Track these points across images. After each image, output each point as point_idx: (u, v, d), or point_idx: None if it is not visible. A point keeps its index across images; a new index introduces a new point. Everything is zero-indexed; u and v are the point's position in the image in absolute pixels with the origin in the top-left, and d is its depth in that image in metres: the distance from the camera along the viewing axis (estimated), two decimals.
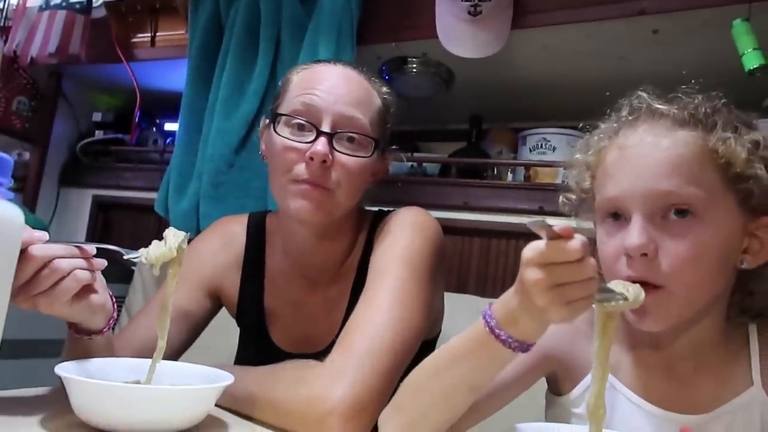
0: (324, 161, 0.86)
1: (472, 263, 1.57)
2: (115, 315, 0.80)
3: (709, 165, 0.66)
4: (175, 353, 0.95)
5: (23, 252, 0.67)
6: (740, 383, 0.70)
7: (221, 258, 1.02)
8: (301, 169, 0.87)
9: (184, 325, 0.95)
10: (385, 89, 0.98)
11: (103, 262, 0.75)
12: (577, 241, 0.52)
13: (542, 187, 1.51)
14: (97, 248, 0.74)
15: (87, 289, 0.73)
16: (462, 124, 1.79)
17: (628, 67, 1.44)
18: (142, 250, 0.75)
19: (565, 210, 0.81)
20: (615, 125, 0.73)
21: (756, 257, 0.69)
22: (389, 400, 0.73)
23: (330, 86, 0.90)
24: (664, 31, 1.29)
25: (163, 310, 0.76)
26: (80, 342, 0.79)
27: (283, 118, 0.91)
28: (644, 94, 0.73)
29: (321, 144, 0.86)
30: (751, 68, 1.10)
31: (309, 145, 0.87)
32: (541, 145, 1.59)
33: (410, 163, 1.71)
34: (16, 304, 0.69)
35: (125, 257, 0.76)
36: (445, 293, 1.42)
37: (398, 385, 0.73)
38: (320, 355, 0.82)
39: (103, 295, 0.76)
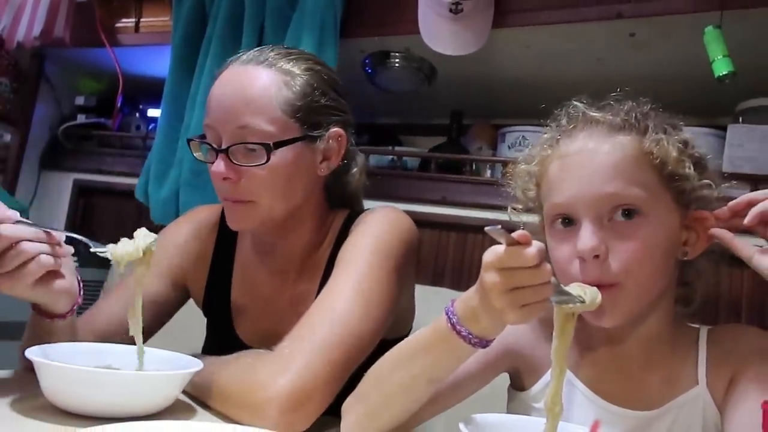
0: (229, 178, 0.86)
1: (448, 257, 1.59)
2: (79, 300, 0.80)
3: (647, 165, 0.70)
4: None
5: None
6: (686, 382, 0.73)
7: (192, 248, 1.02)
8: (220, 187, 0.88)
9: (149, 312, 0.94)
10: (302, 65, 0.91)
11: (70, 249, 0.76)
12: (534, 247, 0.55)
13: None
14: (67, 237, 0.76)
15: (51, 274, 0.74)
16: (443, 119, 1.80)
17: (605, 69, 1.47)
18: (110, 246, 0.76)
19: (513, 219, 0.83)
20: (556, 135, 0.76)
21: (694, 248, 0.73)
22: (336, 392, 0.75)
23: (220, 100, 0.88)
24: (641, 34, 1.32)
25: (133, 314, 0.77)
26: (42, 324, 0.80)
27: (193, 143, 0.92)
28: (579, 104, 0.76)
29: (219, 164, 0.86)
30: (721, 75, 1.12)
31: (213, 166, 0.87)
32: (520, 142, 1.62)
33: (390, 157, 1.73)
34: None
35: (92, 250, 0.77)
36: (421, 286, 1.44)
37: (354, 376, 0.75)
38: None
39: (68, 280, 0.77)
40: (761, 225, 0.68)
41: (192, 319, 1.06)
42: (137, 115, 2.10)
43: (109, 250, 0.76)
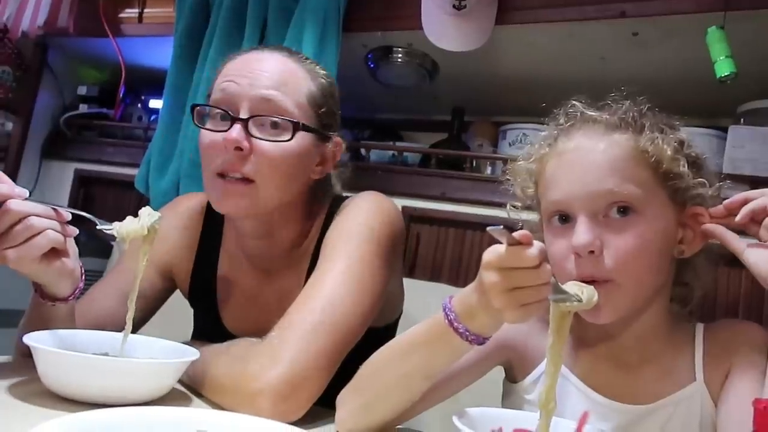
0: (239, 149, 0.83)
1: (446, 253, 1.59)
2: (81, 285, 0.81)
3: (642, 164, 0.71)
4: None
5: (1, 205, 0.69)
6: (683, 378, 0.74)
7: (177, 238, 1.01)
8: (219, 160, 0.84)
9: (137, 303, 0.89)
10: (322, 71, 0.93)
11: (74, 230, 0.76)
12: (535, 248, 0.55)
13: None
14: (72, 214, 0.76)
15: (57, 253, 0.74)
16: (445, 115, 1.80)
17: (608, 68, 1.47)
18: (116, 224, 0.77)
19: (512, 217, 0.83)
20: (554, 133, 0.77)
21: (690, 246, 0.74)
22: (328, 380, 0.75)
23: (248, 71, 0.86)
24: (644, 34, 1.32)
25: (132, 290, 0.78)
26: (43, 308, 0.79)
27: (201, 109, 0.88)
28: (578, 103, 0.77)
29: (235, 130, 0.83)
30: (723, 76, 1.12)
31: (226, 133, 0.83)
32: (521, 140, 1.62)
33: (391, 152, 1.74)
34: None
35: (98, 227, 0.78)
36: (419, 281, 1.45)
37: (345, 365, 0.75)
38: None
39: (72, 261, 0.77)
40: (754, 223, 0.69)
41: (184, 307, 1.06)
42: (139, 105, 2.11)
43: (115, 228, 0.77)
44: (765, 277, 0.66)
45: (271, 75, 0.86)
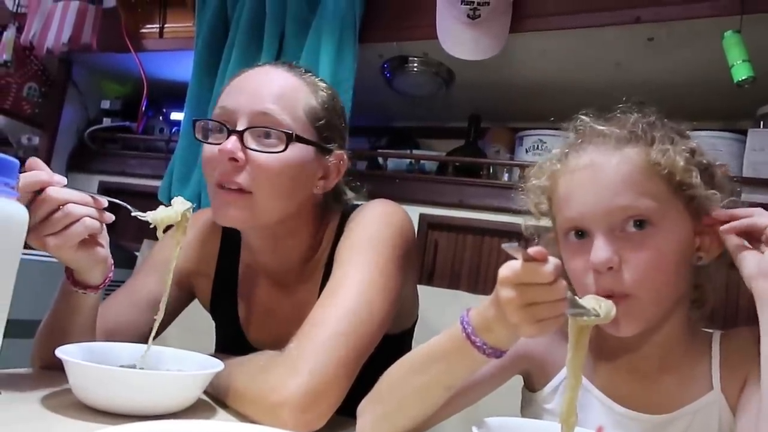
0: (234, 159, 0.84)
1: (464, 260, 1.60)
2: (111, 275, 0.83)
3: (655, 176, 0.71)
4: (145, 339, 0.93)
5: (41, 191, 0.72)
6: (701, 387, 0.74)
7: (197, 251, 1.02)
8: (217, 171, 0.86)
9: (151, 313, 0.92)
10: (323, 85, 0.94)
11: (111, 216, 0.79)
12: (551, 264, 0.56)
13: None
14: (108, 201, 0.79)
15: (93, 240, 0.77)
16: (461, 122, 1.81)
17: (624, 73, 1.47)
18: (149, 212, 0.80)
19: (528, 233, 0.84)
20: (564, 149, 0.77)
21: (709, 253, 0.74)
22: (348, 388, 0.76)
23: (246, 86, 0.89)
24: (659, 39, 1.32)
25: (165, 282, 0.81)
26: (72, 296, 0.82)
27: (201, 123, 0.90)
28: (586, 118, 0.77)
29: (230, 142, 0.84)
30: (740, 80, 1.12)
31: (221, 145, 0.85)
32: (538, 146, 1.62)
33: (408, 160, 1.75)
34: (27, 242, 0.72)
35: (133, 214, 0.80)
36: (438, 289, 1.46)
37: (362, 373, 0.77)
38: None
39: (106, 250, 0.80)
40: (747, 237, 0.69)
41: (206, 319, 1.08)
42: (161, 118, 2.15)
43: (149, 215, 0.79)
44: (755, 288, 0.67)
45: (269, 89, 0.88)
